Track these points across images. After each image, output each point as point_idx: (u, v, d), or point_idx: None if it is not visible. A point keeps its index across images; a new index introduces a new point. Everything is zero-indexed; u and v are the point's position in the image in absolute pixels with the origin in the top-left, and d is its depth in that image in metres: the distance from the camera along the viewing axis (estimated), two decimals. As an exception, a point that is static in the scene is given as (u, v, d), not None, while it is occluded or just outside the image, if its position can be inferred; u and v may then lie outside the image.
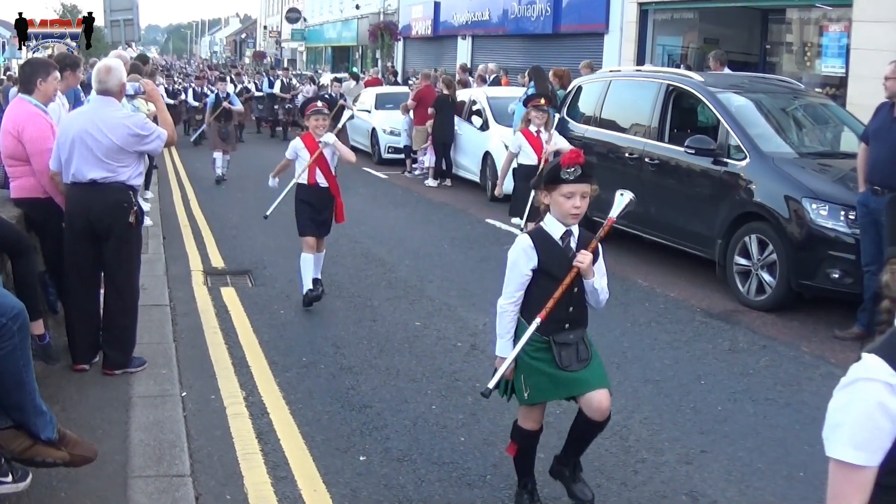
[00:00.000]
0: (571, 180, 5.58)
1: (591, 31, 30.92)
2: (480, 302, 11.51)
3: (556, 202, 5.70)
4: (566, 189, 5.61)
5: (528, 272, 5.76)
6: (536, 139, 13.01)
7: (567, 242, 5.77)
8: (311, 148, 11.23)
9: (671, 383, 8.88)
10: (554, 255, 5.74)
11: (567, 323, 5.80)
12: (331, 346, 9.74)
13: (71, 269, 8.37)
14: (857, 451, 2.70)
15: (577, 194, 5.61)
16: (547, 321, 5.68)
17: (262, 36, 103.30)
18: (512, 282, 5.86)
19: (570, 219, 5.71)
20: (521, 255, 5.78)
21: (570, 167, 5.56)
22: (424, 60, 46.67)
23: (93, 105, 8.53)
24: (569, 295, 5.70)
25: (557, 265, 5.70)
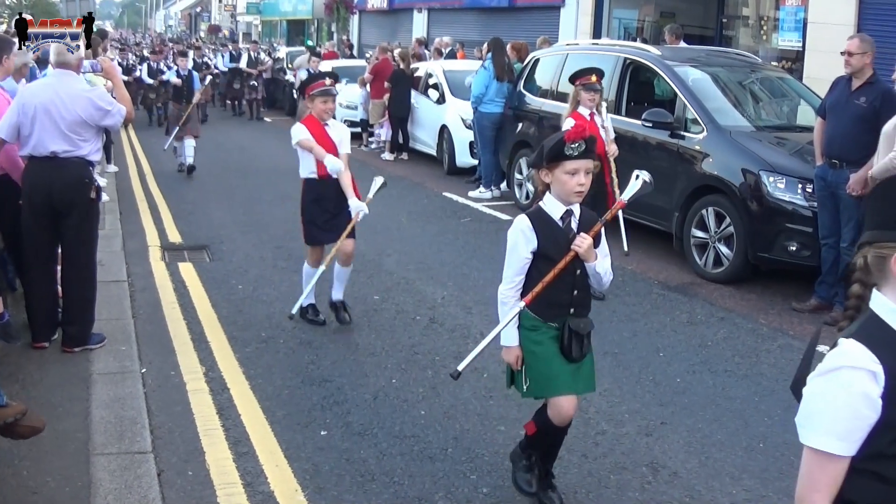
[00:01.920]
0: (575, 156, 5.33)
1: (547, 4, 30.89)
2: (438, 275, 11.55)
3: (558, 180, 5.42)
4: (570, 166, 5.35)
5: (528, 255, 5.51)
6: (591, 125, 10.52)
7: (567, 223, 5.52)
8: (317, 133, 9.35)
9: (630, 356, 8.94)
10: (554, 236, 5.50)
11: (572, 307, 5.60)
12: (289, 321, 9.72)
13: (29, 246, 8.32)
14: (839, 441, 2.64)
15: (581, 171, 5.36)
16: (550, 306, 5.54)
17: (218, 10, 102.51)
18: (512, 266, 5.59)
19: (575, 197, 5.44)
20: (519, 237, 5.52)
21: (574, 142, 5.31)
22: (380, 34, 46.46)
23: (54, 78, 8.46)
24: (572, 277, 5.53)
25: (557, 247, 5.47)
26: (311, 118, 9.48)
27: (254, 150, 23.82)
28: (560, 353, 5.57)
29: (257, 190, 17.71)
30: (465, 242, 13.50)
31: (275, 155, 22.82)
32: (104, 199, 15.01)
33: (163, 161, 21.10)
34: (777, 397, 7.86)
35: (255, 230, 14.06)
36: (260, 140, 26.55)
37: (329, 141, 9.36)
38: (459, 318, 9.91)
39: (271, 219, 14.95)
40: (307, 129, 9.37)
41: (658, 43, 19.47)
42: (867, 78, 10.24)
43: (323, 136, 9.36)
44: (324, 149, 9.27)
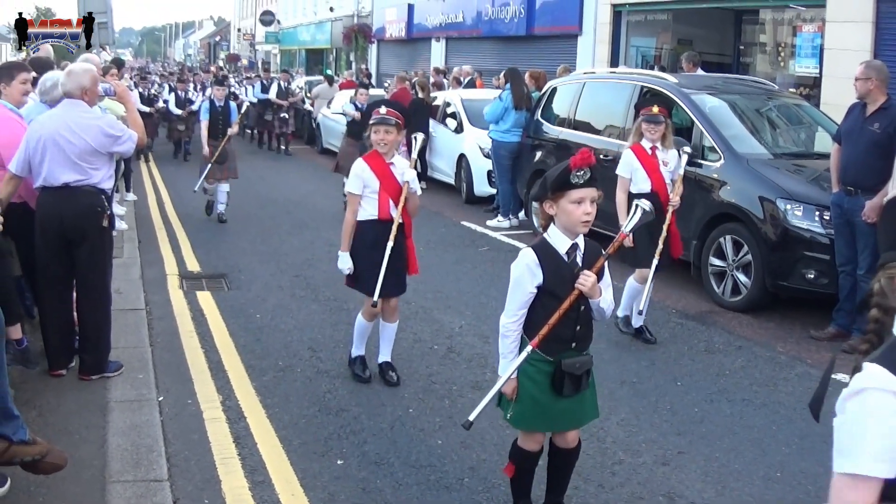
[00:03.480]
0: (581, 185, 5.19)
1: (564, 32, 30.95)
2: (456, 304, 11.54)
3: (564, 211, 5.26)
4: (575, 195, 5.20)
5: (533, 290, 5.37)
6: (651, 159, 10.14)
7: (573, 258, 5.39)
8: (380, 170, 8.42)
9: (648, 385, 8.91)
10: (559, 272, 5.35)
11: (574, 342, 5.48)
12: (307, 349, 9.73)
13: (43, 274, 8.33)
14: (880, 463, 2.55)
15: (587, 200, 5.21)
16: (552, 340, 5.38)
17: (237, 39, 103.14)
18: (515, 300, 5.45)
19: (581, 227, 5.29)
20: (524, 272, 5.37)
21: (580, 170, 5.17)
22: (398, 63, 46.66)
23: (62, 108, 8.42)
24: (576, 313, 5.39)
25: (562, 283, 5.33)
26: (375, 154, 8.49)
27: (272, 180, 23.87)
28: (551, 390, 5.48)
29: (276, 219, 17.76)
30: (483, 271, 13.49)
31: (293, 184, 22.92)
32: (122, 228, 15.13)
33: (181, 190, 21.15)
34: (795, 426, 7.82)
35: (274, 259, 14.09)
36: (278, 170, 26.60)
37: (393, 180, 8.45)
38: (477, 348, 9.89)
39: (290, 248, 14.98)
40: (369, 167, 8.42)
41: (676, 70, 19.50)
42: (881, 104, 10.22)
43: (385, 173, 8.44)
44: (388, 188, 8.42)
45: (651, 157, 10.10)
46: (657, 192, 9.94)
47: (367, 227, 8.45)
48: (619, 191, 10.17)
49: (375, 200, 8.40)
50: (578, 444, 5.89)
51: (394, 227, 8.34)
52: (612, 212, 10.03)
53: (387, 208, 8.42)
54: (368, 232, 8.45)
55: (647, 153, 10.10)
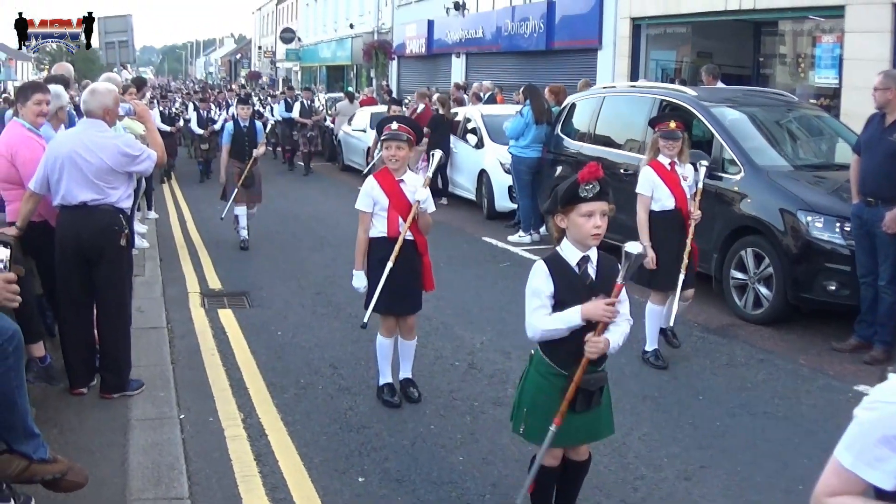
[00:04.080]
0: (590, 198, 5.19)
1: (584, 46, 30.97)
2: (477, 320, 11.53)
3: (574, 224, 5.27)
4: (585, 208, 5.21)
5: (548, 299, 5.32)
6: (672, 174, 9.88)
7: (584, 269, 5.37)
8: (389, 188, 8.30)
9: (670, 399, 8.88)
10: (571, 283, 5.33)
11: None
12: (328, 366, 9.74)
13: (63, 292, 8.35)
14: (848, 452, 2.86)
15: (597, 213, 5.22)
16: (568, 354, 5.31)
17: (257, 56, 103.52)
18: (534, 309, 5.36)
19: (592, 240, 5.28)
20: (537, 280, 5.37)
21: (588, 183, 5.17)
22: (419, 79, 46.73)
23: (80, 127, 8.50)
24: (591, 326, 5.29)
25: (575, 294, 5.29)
26: (385, 172, 8.38)
27: (293, 196, 23.92)
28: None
29: (297, 236, 17.79)
30: (504, 287, 13.47)
31: (315, 201, 22.97)
32: (144, 246, 15.18)
33: (203, 208, 21.23)
34: (817, 438, 7.78)
35: (295, 276, 14.11)
36: (300, 187, 26.66)
37: (403, 197, 8.31)
38: (498, 364, 9.88)
39: (311, 265, 15.01)
40: (379, 184, 8.32)
41: (696, 83, 19.47)
42: (899, 113, 10.18)
43: (395, 191, 8.32)
44: (397, 206, 8.30)
45: (671, 172, 9.87)
46: (680, 209, 9.82)
47: (377, 245, 8.37)
48: (639, 209, 9.95)
49: (385, 218, 8.31)
50: (589, 458, 5.88)
51: (397, 245, 8.23)
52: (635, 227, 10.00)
53: (396, 226, 8.31)
54: (378, 250, 8.36)
55: (667, 168, 9.87)
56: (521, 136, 17.47)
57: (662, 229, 9.84)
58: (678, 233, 9.81)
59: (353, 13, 62.44)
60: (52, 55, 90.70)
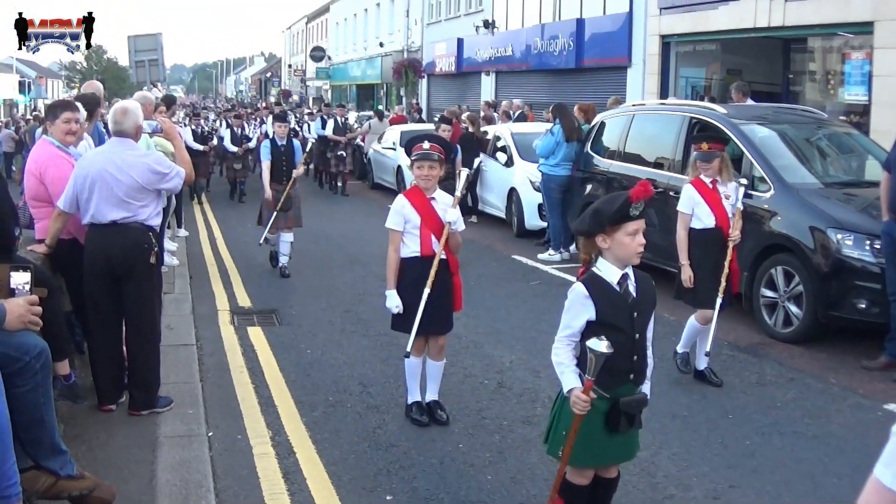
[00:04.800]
0: (637, 216, 5.20)
1: (614, 64, 31.02)
2: (507, 339, 11.51)
3: (619, 243, 5.23)
4: (631, 227, 5.20)
5: (583, 324, 5.30)
6: (713, 193, 9.86)
7: (626, 287, 5.34)
8: (421, 206, 8.22)
9: (699, 418, 8.83)
10: (613, 302, 5.31)
11: (631, 373, 5.42)
12: (357, 384, 9.74)
13: (92, 310, 8.39)
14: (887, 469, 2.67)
15: (640, 231, 5.24)
16: (609, 373, 5.21)
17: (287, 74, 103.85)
18: (567, 327, 5.38)
19: (636, 258, 5.29)
20: (575, 306, 5.34)
21: (639, 201, 5.16)
22: (448, 97, 46.88)
23: (110, 146, 8.56)
24: (631, 342, 5.34)
25: (618, 313, 5.30)
26: (416, 190, 8.34)
27: (323, 214, 23.94)
28: (604, 427, 5.41)
29: (327, 254, 17.82)
30: (533, 305, 13.45)
31: (345, 219, 23.00)
32: (174, 264, 15.23)
33: (233, 226, 21.30)
34: (847, 458, 7.73)
35: (325, 294, 14.12)
36: (331, 205, 26.68)
37: (434, 215, 8.23)
38: (528, 382, 9.86)
39: (341, 283, 15.02)
40: (409, 203, 8.26)
41: (725, 101, 19.44)
42: (929, 130, 10.12)
43: (427, 209, 8.24)
44: (429, 224, 8.22)
45: (712, 190, 9.81)
46: (721, 227, 9.74)
47: (410, 264, 8.26)
48: (679, 227, 9.91)
49: (417, 237, 8.22)
50: (618, 475, 5.86)
51: (434, 263, 8.15)
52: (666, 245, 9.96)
53: (429, 244, 8.21)
54: (411, 269, 8.25)
55: (708, 187, 9.82)
56: (551, 155, 17.47)
57: (702, 247, 9.80)
58: (717, 251, 9.74)
59: (382, 32, 62.68)
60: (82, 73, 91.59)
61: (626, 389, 5.40)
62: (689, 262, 9.73)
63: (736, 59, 26.52)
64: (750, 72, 24.97)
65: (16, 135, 43.47)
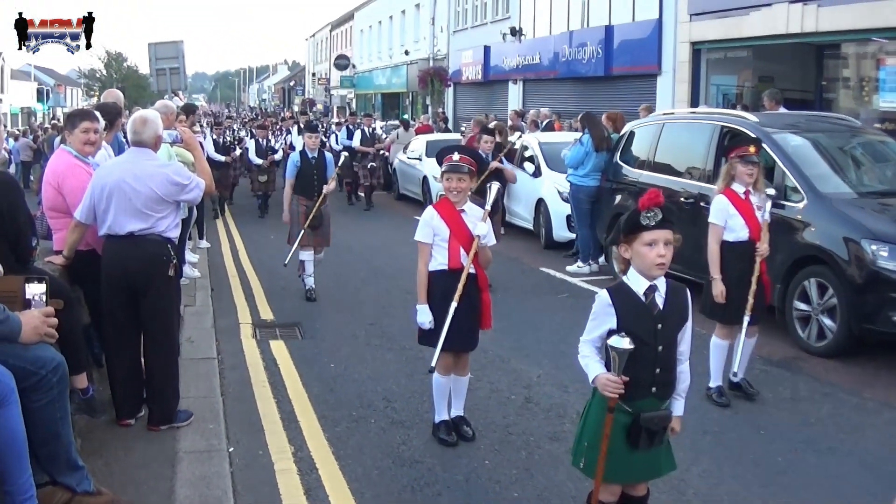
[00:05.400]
0: (652, 226, 5.20)
1: (643, 72, 30.94)
2: (535, 353, 11.48)
3: (638, 254, 5.27)
4: (647, 237, 5.22)
5: (605, 331, 5.31)
6: (746, 204, 9.65)
7: (651, 298, 5.34)
8: (450, 218, 8.20)
9: (730, 434, 8.78)
10: (637, 313, 5.32)
11: (654, 386, 5.38)
12: (382, 399, 9.73)
13: (110, 323, 8.41)
14: None
15: (660, 241, 5.22)
16: (630, 384, 5.21)
17: (311, 83, 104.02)
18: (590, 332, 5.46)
19: (656, 270, 5.27)
20: (599, 313, 5.41)
21: (649, 211, 5.19)
22: (475, 106, 46.84)
23: (128, 156, 8.59)
24: (654, 354, 5.32)
25: (642, 325, 5.29)
26: (445, 201, 8.30)
27: (348, 227, 23.89)
28: (626, 442, 5.38)
29: (351, 266, 17.81)
30: (562, 319, 13.40)
31: (370, 231, 23.00)
32: (195, 276, 15.27)
33: (256, 239, 21.33)
34: (880, 473, 7.69)
35: (349, 307, 14.12)
36: (355, 216, 26.64)
37: (464, 227, 8.19)
38: (556, 398, 9.83)
39: (365, 296, 15.02)
40: (439, 214, 8.23)
41: (758, 109, 19.35)
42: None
43: (456, 221, 8.21)
44: (458, 236, 8.18)
45: (745, 201, 9.62)
46: (754, 240, 9.59)
47: (438, 277, 8.21)
48: (711, 241, 9.74)
49: (446, 249, 8.17)
50: (647, 493, 5.81)
51: (462, 277, 8.07)
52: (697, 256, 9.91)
53: (458, 257, 8.15)
54: (439, 283, 8.20)
55: (741, 198, 9.62)
56: (580, 165, 17.41)
57: (734, 260, 9.63)
58: (751, 265, 9.58)
59: (408, 40, 62.72)
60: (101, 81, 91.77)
61: (648, 404, 5.38)
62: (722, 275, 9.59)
63: (768, 65, 26.40)
64: (782, 79, 24.84)
65: (34, 144, 43.62)
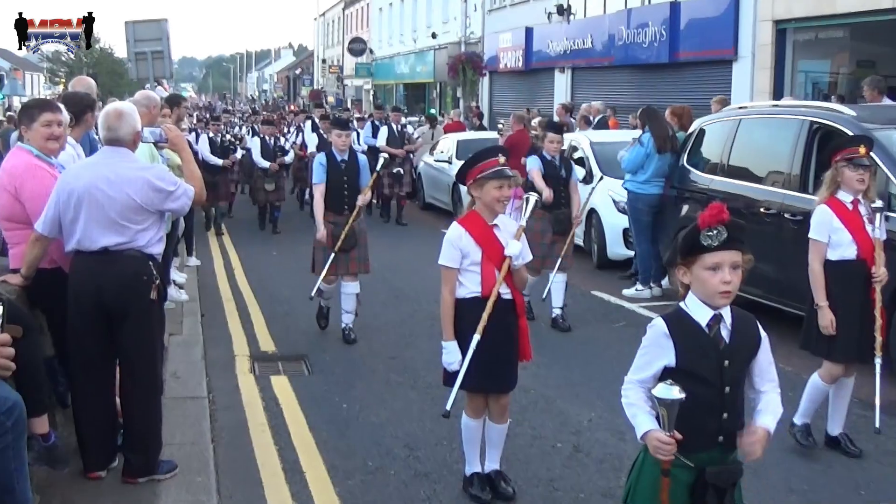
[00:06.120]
0: (715, 247, 5.05)
1: (715, 57, 30.88)
2: (585, 392, 11.42)
3: (698, 278, 5.15)
4: (709, 260, 5.08)
5: (659, 369, 5.23)
6: (854, 216, 9.28)
7: (717, 331, 5.22)
8: (482, 236, 7.94)
9: (822, 493, 8.72)
10: (700, 347, 5.19)
11: (720, 435, 5.24)
12: (403, 447, 9.70)
13: (78, 355, 8.30)
14: None
15: (726, 265, 5.07)
16: (692, 433, 5.07)
17: (321, 72, 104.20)
18: (639, 368, 5.37)
19: (720, 299, 5.15)
20: (652, 345, 5.30)
21: (711, 229, 5.03)
22: (515, 99, 46.91)
23: (101, 156, 8.46)
24: (720, 397, 5.19)
25: (705, 361, 5.16)
26: (474, 216, 8.07)
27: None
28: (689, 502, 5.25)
29: (368, 287, 17.65)
30: (618, 352, 13.26)
31: (390, 246, 22.95)
32: (182, 299, 15.28)
33: (254, 252, 21.34)
34: None
35: (365, 336, 14.07)
36: (371, 229, 26.56)
37: (499, 247, 7.97)
38: (609, 447, 9.77)
39: (384, 322, 15.00)
40: (467, 232, 7.97)
41: (855, 100, 19.25)
42: None
43: (489, 239, 7.98)
44: (493, 258, 7.94)
45: (853, 213, 9.26)
46: (864, 259, 9.30)
47: (468, 306, 7.98)
48: (812, 259, 9.44)
49: (478, 274, 7.96)
50: None
51: (489, 303, 7.87)
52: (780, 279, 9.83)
53: (493, 282, 7.91)
54: (470, 313, 7.95)
55: (848, 209, 9.25)
56: (639, 169, 17.32)
57: (841, 284, 9.32)
58: (861, 289, 9.28)
59: (435, 21, 62.86)
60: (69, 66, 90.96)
61: (713, 456, 5.27)
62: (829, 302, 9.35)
63: (869, 48, 26.29)
64: (886, 63, 24.69)
65: (-15, 140, 43.64)
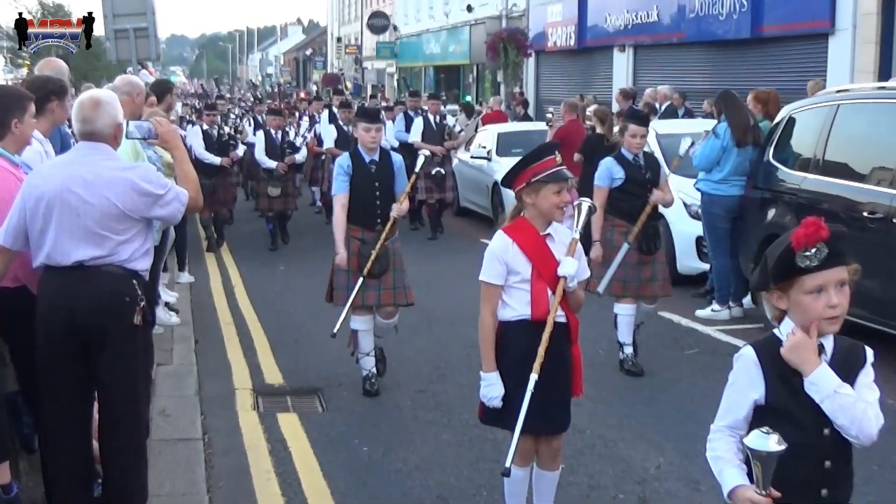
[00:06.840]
0: (814, 267, 4.95)
1: (809, 31, 30.76)
2: (652, 434, 11.38)
3: (797, 305, 5.06)
4: (810, 283, 4.98)
5: (750, 408, 5.19)
6: None
7: None
8: (533, 249, 7.81)
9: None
10: (793, 383, 5.07)
11: (824, 487, 5.15)
12: (435, 497, 9.71)
13: (47, 390, 8.20)
14: None
15: (831, 285, 4.98)
16: (790, 484, 4.94)
17: (335, 53, 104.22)
18: (728, 410, 5.33)
19: (827, 326, 5.05)
20: (740, 380, 5.27)
21: (807, 248, 4.92)
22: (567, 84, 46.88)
23: (75, 154, 8.38)
24: (820, 442, 5.10)
25: (798, 399, 5.06)
26: (524, 224, 7.92)
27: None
28: None
29: (391, 309, 17.78)
30: (690, 385, 13.27)
31: (416, 260, 22.84)
32: (172, 322, 15.31)
33: (257, 267, 21.38)
34: None
35: (390, 367, 13.98)
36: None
37: (551, 260, 7.83)
38: (682, 497, 9.76)
39: (412, 350, 14.99)
40: (516, 244, 7.84)
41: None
42: None
43: (542, 252, 7.86)
44: (546, 275, 7.80)
45: None
46: None
47: (515, 331, 7.89)
48: None
49: (527, 293, 7.82)
50: None
51: (545, 335, 7.69)
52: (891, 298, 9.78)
53: (545, 304, 7.79)
54: (517, 339, 7.87)
55: None
56: (715, 166, 17.24)
57: None
58: None
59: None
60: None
61: None
62: None
63: None
64: None
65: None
